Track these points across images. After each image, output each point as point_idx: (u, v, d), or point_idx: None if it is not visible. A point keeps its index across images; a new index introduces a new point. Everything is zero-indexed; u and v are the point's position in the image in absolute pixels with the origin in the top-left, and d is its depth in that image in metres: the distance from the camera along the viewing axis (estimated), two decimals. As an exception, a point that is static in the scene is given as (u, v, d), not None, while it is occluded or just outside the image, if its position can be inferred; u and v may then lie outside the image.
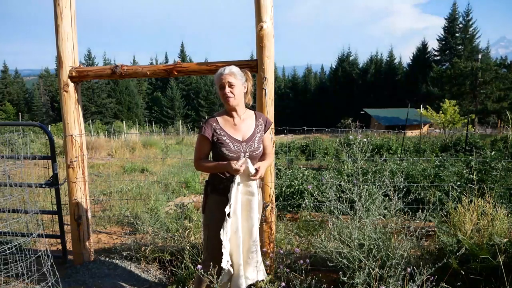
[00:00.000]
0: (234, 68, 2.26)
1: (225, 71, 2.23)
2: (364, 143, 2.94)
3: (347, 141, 9.14)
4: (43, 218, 4.56)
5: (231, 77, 2.21)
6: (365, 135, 13.45)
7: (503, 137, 12.35)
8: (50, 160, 3.41)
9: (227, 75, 2.21)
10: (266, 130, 2.37)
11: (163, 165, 9.35)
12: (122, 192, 6.11)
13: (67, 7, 3.15)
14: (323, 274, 2.91)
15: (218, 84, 2.25)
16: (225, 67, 2.26)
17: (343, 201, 2.75)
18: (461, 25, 44.37)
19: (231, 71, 2.23)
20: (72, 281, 3.16)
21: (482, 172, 4.85)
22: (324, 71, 64.71)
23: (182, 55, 57.83)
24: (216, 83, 2.26)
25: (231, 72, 2.23)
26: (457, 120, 23.66)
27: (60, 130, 18.95)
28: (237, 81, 2.23)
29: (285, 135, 19.33)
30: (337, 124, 27.35)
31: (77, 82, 3.31)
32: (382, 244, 2.53)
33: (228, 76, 2.21)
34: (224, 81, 2.21)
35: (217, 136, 2.22)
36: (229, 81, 2.21)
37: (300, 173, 5.59)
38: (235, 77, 2.23)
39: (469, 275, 2.52)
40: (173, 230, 3.95)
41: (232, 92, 2.21)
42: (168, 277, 3.28)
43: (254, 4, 2.78)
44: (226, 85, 2.21)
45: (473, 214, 2.88)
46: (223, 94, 2.22)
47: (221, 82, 2.22)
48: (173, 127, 31.81)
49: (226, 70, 2.23)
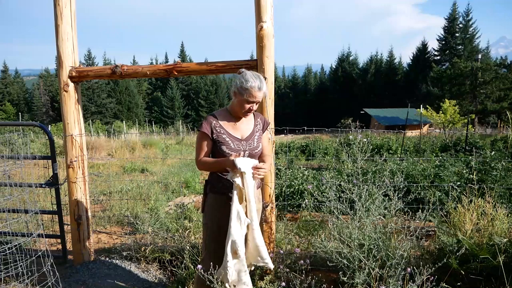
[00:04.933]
0: (266, 87, 2.20)
1: (262, 89, 2.14)
2: (364, 143, 2.94)
3: (347, 141, 9.14)
4: (43, 218, 4.56)
5: (262, 97, 2.18)
6: (365, 135, 13.45)
7: (503, 137, 12.35)
8: (50, 160, 3.41)
9: (262, 93, 2.15)
10: (264, 130, 2.36)
11: (163, 165, 9.35)
12: (122, 192, 6.10)
13: (67, 7, 3.15)
14: (323, 274, 2.91)
15: (246, 95, 2.13)
16: (262, 83, 2.15)
17: (343, 201, 2.75)
18: (461, 25, 44.33)
19: (265, 92, 2.18)
20: (72, 281, 3.16)
21: (482, 172, 4.85)
22: (324, 71, 64.68)
23: (182, 55, 57.81)
24: (244, 93, 2.13)
25: (265, 92, 2.18)
26: (457, 120, 23.63)
27: (60, 130, 18.95)
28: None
29: (285, 135, 19.33)
30: (337, 124, 27.32)
31: (77, 82, 3.31)
32: (382, 244, 2.53)
33: (261, 96, 2.16)
34: (256, 100, 2.15)
35: (217, 133, 2.21)
36: (259, 101, 2.18)
37: (300, 173, 5.59)
38: (263, 96, 2.21)
39: (469, 275, 2.52)
40: (173, 230, 3.95)
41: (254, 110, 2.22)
42: (168, 277, 3.28)
43: (254, 4, 2.78)
44: (255, 104, 2.18)
45: (473, 214, 2.88)
46: (247, 109, 2.18)
47: (252, 98, 2.14)
48: (173, 127, 31.79)
49: (263, 88, 2.15)
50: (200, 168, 2.28)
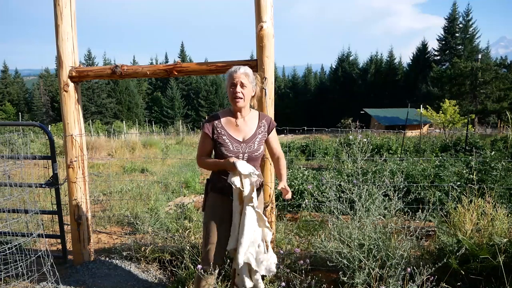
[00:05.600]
0: (248, 69, 2.25)
1: (240, 70, 2.21)
2: (364, 143, 2.94)
3: (347, 141, 9.14)
4: (43, 218, 4.56)
5: (245, 78, 2.20)
6: (365, 135, 13.45)
7: (503, 137, 12.34)
8: (50, 160, 3.41)
9: (241, 74, 2.20)
10: (270, 131, 2.35)
11: (163, 165, 9.34)
12: (122, 192, 6.11)
13: (67, 7, 3.15)
14: (323, 274, 2.91)
15: (229, 81, 2.22)
16: (240, 66, 2.24)
17: (343, 201, 2.75)
18: (461, 25, 44.35)
19: (246, 72, 2.22)
20: (72, 281, 3.16)
21: (482, 172, 4.85)
22: (324, 71, 64.68)
23: (182, 55, 57.83)
24: (228, 81, 2.23)
25: (245, 72, 2.21)
26: (457, 120, 23.64)
27: (60, 130, 18.95)
28: (249, 83, 2.22)
29: (285, 135, 19.34)
30: (337, 124, 27.30)
31: (77, 82, 3.31)
32: (382, 244, 2.53)
33: (242, 75, 2.19)
34: (237, 80, 2.19)
35: (217, 134, 2.22)
36: (242, 81, 2.19)
37: (300, 173, 5.59)
38: (248, 78, 2.22)
39: (469, 275, 2.52)
40: (173, 230, 3.95)
41: (242, 93, 2.19)
42: (168, 277, 3.27)
43: (254, 4, 2.78)
44: (238, 84, 2.19)
45: (473, 214, 2.88)
46: (233, 93, 2.20)
47: (233, 80, 2.20)
48: (173, 127, 31.77)
49: (241, 70, 2.21)
50: (200, 166, 2.31)
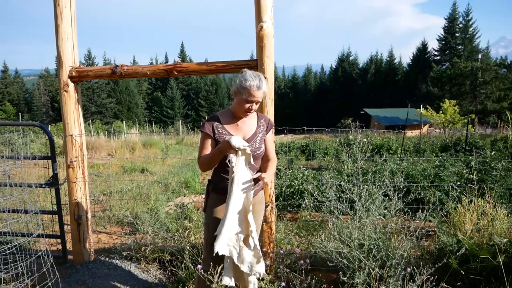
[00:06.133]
0: (266, 86, 2.17)
1: (261, 88, 2.11)
2: (364, 143, 2.94)
3: (347, 141, 9.14)
4: (43, 218, 4.56)
5: (262, 97, 2.16)
6: (365, 135, 13.45)
7: (503, 137, 12.35)
8: (50, 160, 3.41)
9: (261, 92, 2.12)
10: (268, 131, 2.34)
11: (163, 165, 9.34)
12: (122, 192, 6.11)
13: (67, 7, 3.15)
14: (323, 274, 2.92)
15: (246, 96, 2.11)
16: (262, 82, 2.12)
17: (343, 201, 2.75)
18: (461, 25, 44.34)
19: (265, 91, 2.16)
20: (72, 281, 3.16)
21: (482, 172, 4.85)
22: (324, 71, 64.66)
23: (182, 55, 57.81)
24: (244, 93, 2.11)
25: (264, 92, 2.15)
26: (457, 120, 23.64)
27: (60, 130, 18.95)
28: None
29: (285, 135, 19.34)
30: (337, 124, 27.31)
31: (77, 82, 3.31)
32: (382, 244, 2.53)
33: (261, 94, 2.13)
34: (256, 99, 2.12)
35: (218, 134, 2.20)
36: (259, 100, 2.16)
37: (300, 173, 5.59)
38: (263, 96, 2.18)
39: (469, 275, 2.53)
40: (173, 230, 3.95)
41: (254, 109, 2.19)
42: (168, 277, 3.28)
43: (254, 4, 2.78)
44: (255, 103, 2.15)
45: (473, 214, 2.88)
46: (248, 108, 2.15)
47: (252, 98, 2.11)
48: (173, 127, 31.77)
49: (262, 87, 2.12)
50: (201, 167, 2.26)
